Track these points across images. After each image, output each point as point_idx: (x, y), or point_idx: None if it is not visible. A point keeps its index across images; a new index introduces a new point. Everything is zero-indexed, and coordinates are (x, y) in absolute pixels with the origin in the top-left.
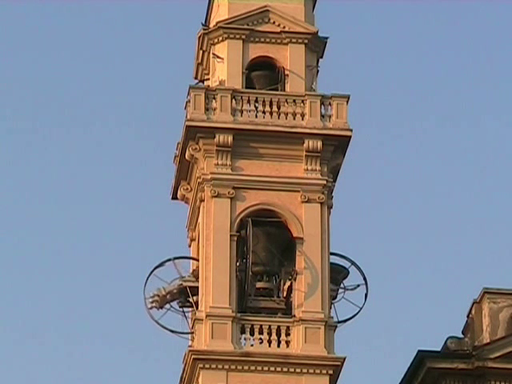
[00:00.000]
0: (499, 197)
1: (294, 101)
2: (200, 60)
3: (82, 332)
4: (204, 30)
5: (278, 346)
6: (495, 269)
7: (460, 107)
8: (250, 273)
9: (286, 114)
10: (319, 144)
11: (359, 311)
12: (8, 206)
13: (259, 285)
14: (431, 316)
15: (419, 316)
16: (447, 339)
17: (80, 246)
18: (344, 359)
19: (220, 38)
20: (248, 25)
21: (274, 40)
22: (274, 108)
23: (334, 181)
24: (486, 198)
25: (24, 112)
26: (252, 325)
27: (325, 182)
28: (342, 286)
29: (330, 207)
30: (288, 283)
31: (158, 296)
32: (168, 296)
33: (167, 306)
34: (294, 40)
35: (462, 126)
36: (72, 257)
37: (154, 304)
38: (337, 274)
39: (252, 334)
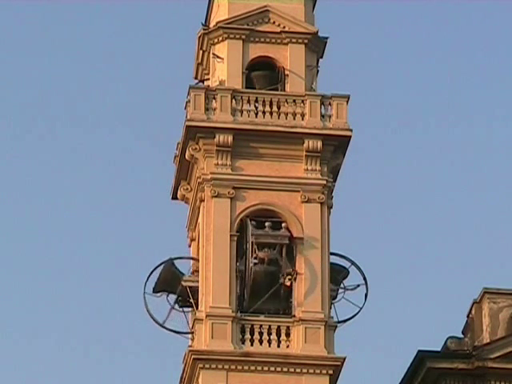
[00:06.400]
0: (499, 197)
1: (294, 101)
2: (200, 60)
3: (81, 332)
4: (204, 30)
5: (278, 346)
6: (495, 269)
7: (460, 107)
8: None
9: (286, 114)
10: (319, 144)
11: (359, 311)
12: (8, 206)
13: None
14: (431, 316)
15: (419, 316)
16: (447, 339)
17: (80, 246)
18: (344, 359)
19: (220, 38)
20: (248, 25)
21: (274, 40)
22: (274, 108)
23: (334, 181)
24: (485, 197)
25: (24, 112)
26: (252, 325)
27: (325, 182)
28: (342, 285)
29: (329, 207)
30: (288, 283)
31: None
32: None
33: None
34: (293, 40)
35: (462, 126)
36: (72, 257)
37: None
38: (337, 274)
39: (252, 334)
